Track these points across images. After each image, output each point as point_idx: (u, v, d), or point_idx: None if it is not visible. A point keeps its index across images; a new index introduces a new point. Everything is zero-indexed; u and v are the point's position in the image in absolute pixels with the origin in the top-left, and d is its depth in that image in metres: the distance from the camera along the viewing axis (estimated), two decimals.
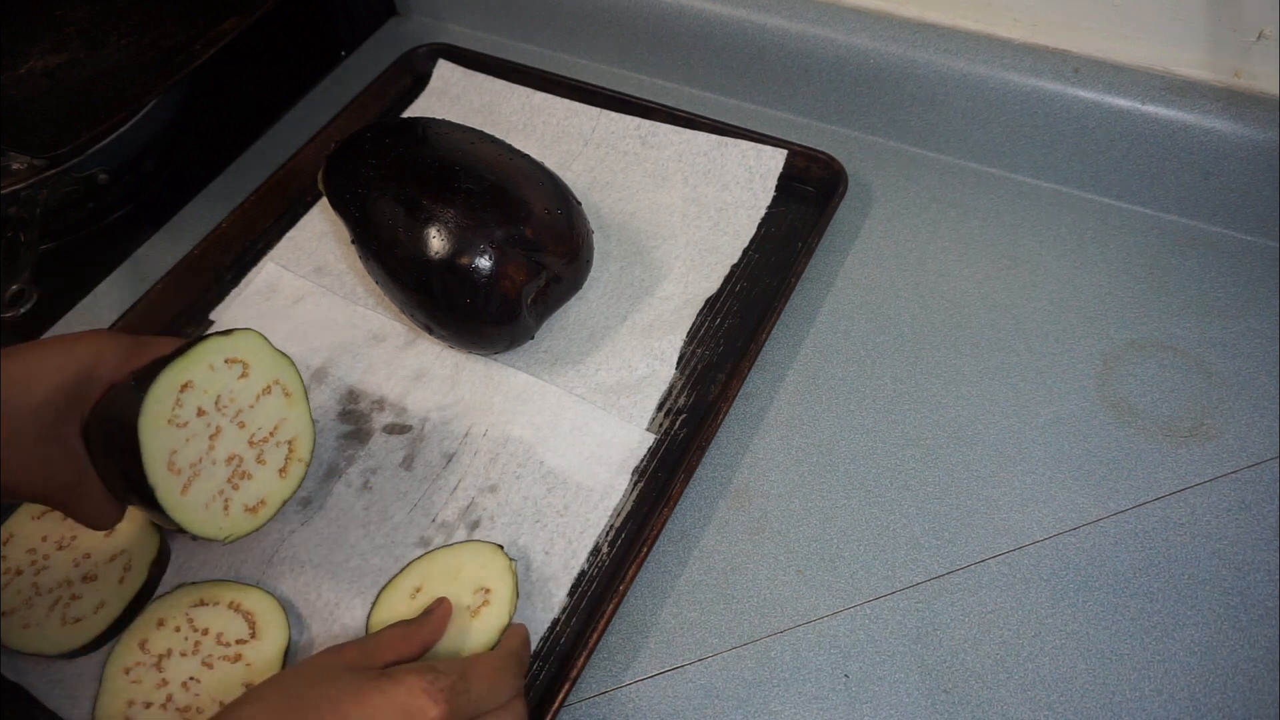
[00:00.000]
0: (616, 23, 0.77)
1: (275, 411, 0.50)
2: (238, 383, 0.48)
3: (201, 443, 0.46)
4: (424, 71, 0.79)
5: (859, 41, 0.69)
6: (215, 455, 0.46)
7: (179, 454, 0.45)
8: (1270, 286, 0.63)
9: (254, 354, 0.49)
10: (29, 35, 0.70)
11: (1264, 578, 0.51)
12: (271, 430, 0.50)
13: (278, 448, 0.50)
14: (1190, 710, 0.47)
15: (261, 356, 0.49)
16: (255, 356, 0.49)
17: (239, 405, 0.48)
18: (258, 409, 0.49)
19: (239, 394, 0.48)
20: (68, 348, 0.43)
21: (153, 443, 0.43)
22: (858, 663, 0.49)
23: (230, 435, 0.47)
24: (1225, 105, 0.62)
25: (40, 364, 0.42)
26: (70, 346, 0.43)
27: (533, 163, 0.61)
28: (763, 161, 0.68)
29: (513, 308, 0.56)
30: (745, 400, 0.59)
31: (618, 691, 0.49)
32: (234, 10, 0.70)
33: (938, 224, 0.68)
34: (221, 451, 0.47)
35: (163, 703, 0.47)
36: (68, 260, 0.71)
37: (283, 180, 0.70)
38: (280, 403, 0.50)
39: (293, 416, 0.50)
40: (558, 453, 0.56)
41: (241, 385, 0.48)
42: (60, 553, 0.51)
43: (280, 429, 0.50)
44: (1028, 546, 0.52)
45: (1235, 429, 0.56)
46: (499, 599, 0.49)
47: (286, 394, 0.50)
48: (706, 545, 0.53)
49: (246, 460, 0.48)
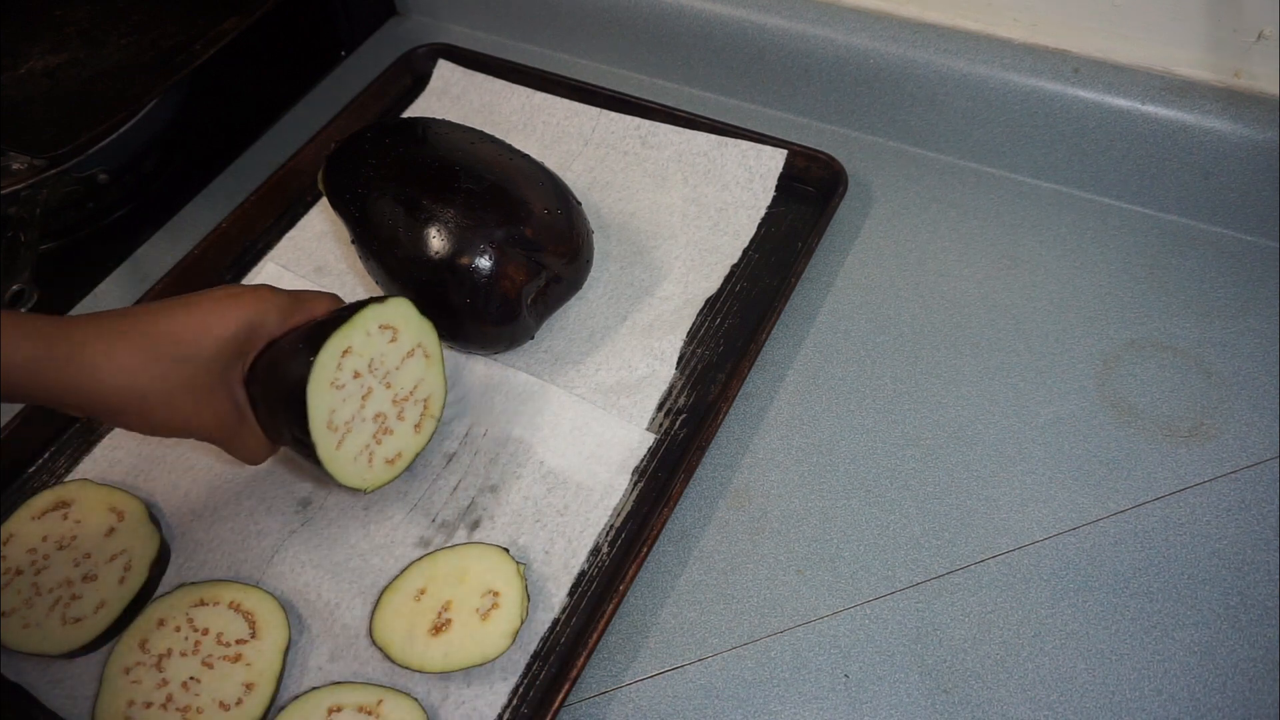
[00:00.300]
0: (616, 23, 0.77)
1: (417, 372, 0.53)
2: (388, 346, 0.51)
3: (355, 403, 0.49)
4: (424, 71, 0.79)
5: (859, 41, 0.69)
6: (365, 413, 0.50)
7: (336, 413, 0.48)
8: (1270, 286, 0.63)
9: (404, 320, 0.52)
10: (29, 35, 0.70)
11: (1264, 578, 0.51)
12: (412, 389, 0.53)
13: (415, 405, 0.53)
14: (1190, 710, 0.47)
15: (410, 322, 0.52)
16: (405, 322, 0.52)
17: (387, 367, 0.51)
18: (402, 370, 0.52)
19: (388, 357, 0.51)
20: (237, 302, 0.47)
21: (317, 404, 0.47)
22: (858, 663, 0.49)
23: (379, 395, 0.51)
24: (1225, 105, 0.62)
25: (213, 317, 0.46)
26: (238, 300, 0.47)
27: (533, 163, 0.61)
28: (763, 161, 0.68)
29: (513, 308, 0.56)
30: (745, 400, 0.59)
31: (618, 691, 0.49)
32: (234, 10, 0.71)
33: (938, 224, 0.68)
34: (370, 410, 0.50)
35: (163, 703, 0.47)
36: (68, 260, 0.71)
37: (283, 180, 0.70)
38: (421, 364, 0.53)
39: (430, 377, 0.54)
40: (558, 453, 0.56)
41: (391, 349, 0.51)
42: (60, 553, 0.52)
43: (419, 388, 0.53)
44: (1028, 546, 0.52)
45: (1235, 429, 0.56)
46: (509, 602, 0.49)
47: (426, 356, 0.54)
48: (706, 545, 0.53)
49: (389, 417, 0.52)
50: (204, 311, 0.46)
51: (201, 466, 0.57)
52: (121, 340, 0.43)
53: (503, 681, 0.48)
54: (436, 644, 0.48)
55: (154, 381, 0.43)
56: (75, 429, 0.59)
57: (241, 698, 0.47)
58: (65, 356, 0.41)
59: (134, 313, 0.45)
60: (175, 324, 0.45)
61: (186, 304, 0.46)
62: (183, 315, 0.45)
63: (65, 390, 0.41)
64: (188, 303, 0.46)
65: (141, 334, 0.43)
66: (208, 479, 0.56)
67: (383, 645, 0.48)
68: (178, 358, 0.44)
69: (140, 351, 0.43)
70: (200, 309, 0.46)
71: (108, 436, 0.58)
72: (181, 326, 0.45)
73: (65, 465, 0.58)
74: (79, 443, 0.59)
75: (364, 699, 0.47)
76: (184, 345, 0.44)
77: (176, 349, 0.44)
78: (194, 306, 0.46)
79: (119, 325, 0.43)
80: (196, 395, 0.45)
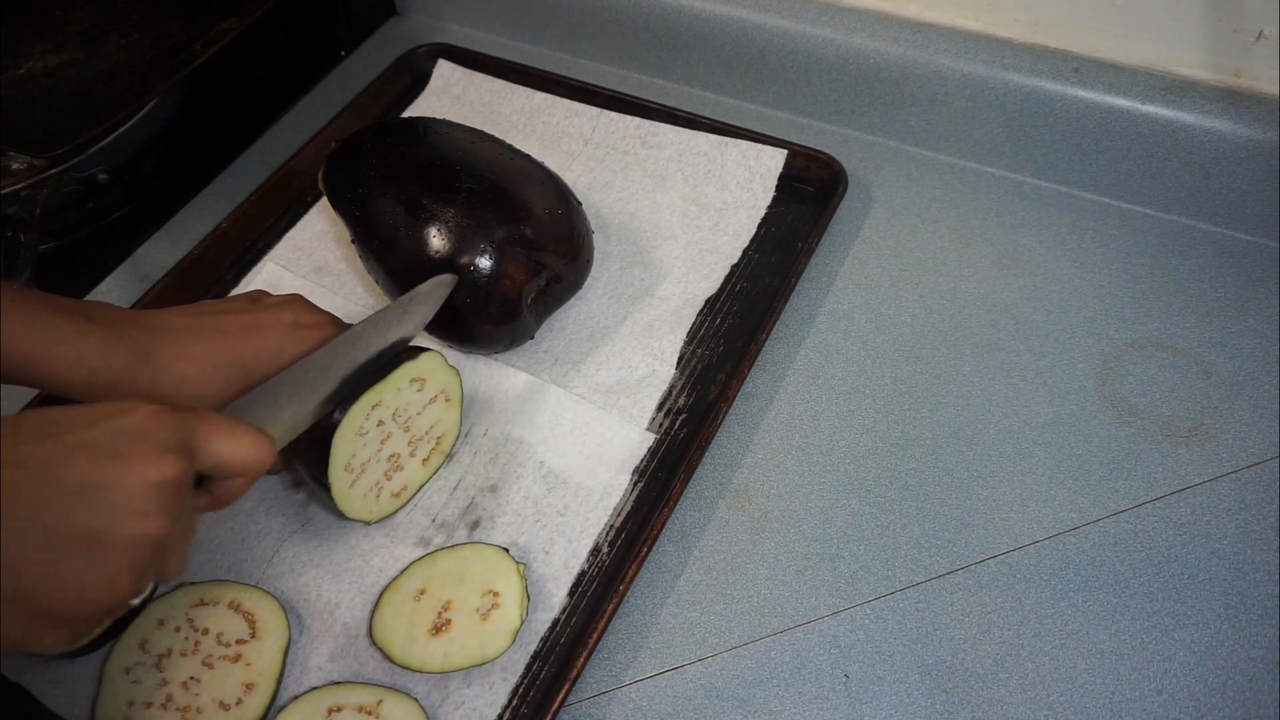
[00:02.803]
0: (616, 23, 0.77)
1: (435, 415, 0.54)
2: (415, 396, 0.52)
3: (374, 446, 0.51)
4: (424, 71, 0.79)
5: (859, 41, 0.69)
6: (381, 454, 0.52)
7: (355, 457, 0.50)
8: (1270, 286, 0.63)
9: (432, 372, 0.53)
10: (29, 35, 0.70)
11: (1264, 578, 0.51)
12: (427, 429, 0.54)
13: (427, 442, 0.55)
14: (1190, 710, 0.47)
15: (437, 373, 0.53)
16: (433, 374, 0.53)
17: (409, 414, 0.53)
18: (423, 414, 0.54)
19: (412, 404, 0.52)
20: (306, 340, 0.49)
21: (339, 452, 0.49)
22: (858, 663, 0.49)
23: (397, 438, 0.52)
24: (1225, 105, 0.62)
25: (283, 352, 0.48)
26: (307, 339, 0.49)
27: (533, 163, 0.61)
28: (763, 161, 0.68)
29: (513, 307, 0.56)
30: (745, 400, 0.59)
31: (618, 691, 0.49)
32: (234, 10, 0.71)
33: (938, 224, 0.68)
34: (386, 451, 0.52)
35: (163, 703, 0.47)
36: (68, 260, 0.71)
37: (283, 180, 0.70)
38: (441, 407, 0.55)
39: (446, 418, 0.55)
40: (558, 453, 0.56)
41: (417, 397, 0.53)
42: None
43: (434, 427, 0.55)
44: (1028, 546, 0.52)
45: (1235, 429, 0.56)
46: (509, 601, 0.49)
47: (448, 400, 0.55)
48: (706, 545, 0.53)
49: (403, 456, 0.53)
50: (279, 342, 0.48)
51: None
52: (197, 369, 0.45)
53: (503, 681, 0.48)
54: (436, 644, 0.48)
55: (217, 398, 0.46)
56: None
57: (241, 698, 0.47)
58: (145, 384, 0.44)
59: (210, 335, 0.47)
60: (251, 353, 0.47)
61: (262, 330, 0.48)
62: (258, 343, 0.47)
63: (137, 400, 0.43)
64: (263, 328, 0.48)
65: (219, 364, 0.46)
66: None
67: (383, 645, 0.48)
68: (242, 378, 0.47)
69: (216, 382, 0.46)
70: (276, 339, 0.48)
71: None
72: (257, 356, 0.47)
73: None
74: None
75: (364, 699, 0.47)
76: (251, 370, 0.47)
77: (245, 373, 0.47)
78: (270, 334, 0.48)
79: (195, 350, 0.46)
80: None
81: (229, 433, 0.39)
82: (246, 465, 0.40)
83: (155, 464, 0.35)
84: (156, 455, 0.35)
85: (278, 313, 0.49)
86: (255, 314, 0.49)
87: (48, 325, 0.41)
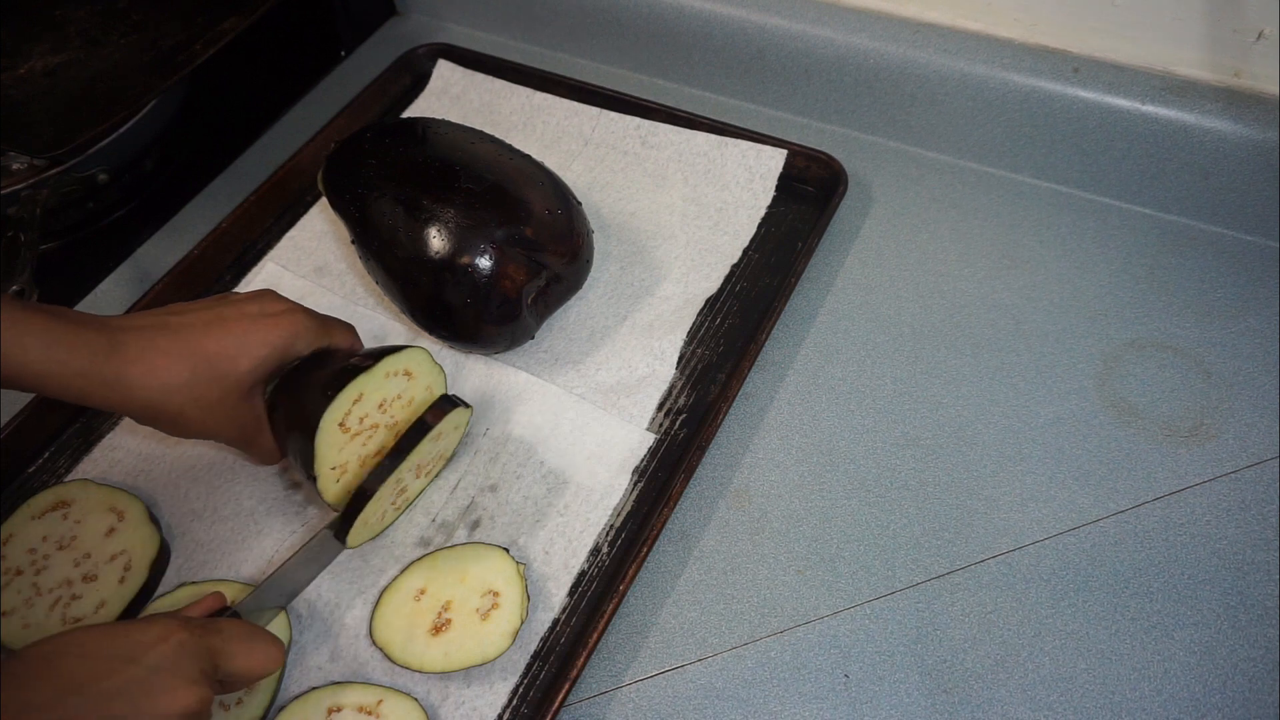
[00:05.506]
0: (616, 23, 0.77)
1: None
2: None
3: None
4: (424, 71, 0.79)
5: (859, 41, 0.69)
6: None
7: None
8: (1270, 286, 0.63)
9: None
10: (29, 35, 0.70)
11: (1264, 578, 0.51)
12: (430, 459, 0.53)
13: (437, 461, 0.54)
14: (1190, 710, 0.47)
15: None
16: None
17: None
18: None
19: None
20: (274, 325, 0.49)
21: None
22: (858, 663, 0.49)
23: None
24: (1225, 105, 0.62)
25: (252, 338, 0.48)
26: (275, 324, 0.49)
27: (533, 163, 0.61)
28: (762, 161, 0.68)
29: (513, 308, 0.56)
30: (745, 400, 0.59)
31: (618, 691, 0.49)
32: (234, 10, 0.71)
33: (938, 224, 0.68)
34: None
35: None
36: (68, 260, 0.71)
37: (283, 180, 0.70)
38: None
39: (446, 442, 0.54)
40: (558, 453, 0.56)
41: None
42: (60, 553, 0.51)
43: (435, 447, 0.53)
44: (1028, 546, 0.52)
45: (1235, 429, 0.56)
46: (509, 602, 0.49)
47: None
48: (706, 545, 0.53)
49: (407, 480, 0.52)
50: (243, 332, 0.48)
51: (202, 466, 0.57)
52: (164, 359, 0.46)
53: (503, 681, 0.48)
54: (436, 644, 0.48)
55: (191, 397, 0.47)
56: (75, 429, 0.59)
57: (241, 698, 0.47)
58: (114, 374, 0.45)
59: (175, 328, 0.47)
60: (215, 344, 0.48)
61: (225, 322, 0.48)
62: (221, 334, 0.48)
63: (106, 400, 0.45)
64: (225, 320, 0.48)
65: (184, 354, 0.47)
66: (208, 479, 0.56)
67: (383, 645, 0.49)
68: (215, 376, 0.47)
69: (183, 372, 0.46)
70: (239, 329, 0.48)
71: (108, 436, 0.58)
72: (221, 347, 0.48)
73: (65, 465, 0.58)
74: (79, 443, 0.59)
75: (364, 699, 0.47)
76: (222, 364, 0.47)
77: (216, 368, 0.47)
78: (233, 326, 0.48)
79: (159, 342, 0.46)
80: (226, 407, 0.49)
81: (247, 649, 0.42)
82: (262, 675, 0.43)
83: (181, 697, 0.38)
84: (183, 688, 0.38)
85: (242, 305, 0.50)
86: (220, 308, 0.49)
87: (14, 320, 0.42)
